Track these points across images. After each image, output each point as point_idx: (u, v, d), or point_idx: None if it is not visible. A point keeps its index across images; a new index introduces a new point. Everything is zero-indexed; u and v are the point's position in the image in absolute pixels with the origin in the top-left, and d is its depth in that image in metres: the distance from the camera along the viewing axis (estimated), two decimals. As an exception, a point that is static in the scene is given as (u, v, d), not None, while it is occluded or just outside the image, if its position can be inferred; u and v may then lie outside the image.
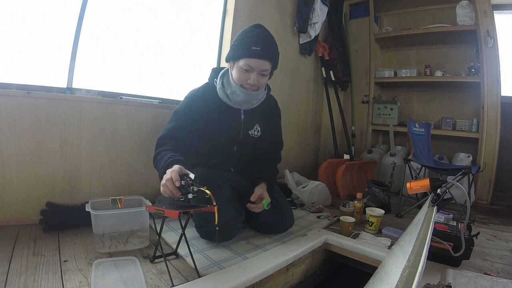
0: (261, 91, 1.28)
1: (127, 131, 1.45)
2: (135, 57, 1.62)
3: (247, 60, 1.15)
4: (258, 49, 1.14)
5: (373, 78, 2.91)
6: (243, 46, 1.16)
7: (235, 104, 1.27)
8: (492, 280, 0.96)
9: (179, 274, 0.93)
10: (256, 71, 1.18)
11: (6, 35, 1.20)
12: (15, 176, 1.17)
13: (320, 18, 2.43)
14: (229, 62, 1.25)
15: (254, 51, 1.14)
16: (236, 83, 1.21)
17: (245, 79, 1.19)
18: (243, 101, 1.25)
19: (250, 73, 1.18)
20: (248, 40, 1.16)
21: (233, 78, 1.22)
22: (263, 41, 1.16)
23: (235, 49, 1.19)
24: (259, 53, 1.14)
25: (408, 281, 0.45)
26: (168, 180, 0.92)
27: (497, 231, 1.66)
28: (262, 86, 1.25)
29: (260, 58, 1.15)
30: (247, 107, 1.29)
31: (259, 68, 1.17)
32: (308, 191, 1.85)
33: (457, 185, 1.05)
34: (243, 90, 1.21)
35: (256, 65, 1.16)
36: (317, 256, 1.31)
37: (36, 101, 1.19)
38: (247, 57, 1.15)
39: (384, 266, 0.95)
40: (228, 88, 1.25)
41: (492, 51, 2.27)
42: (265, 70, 1.19)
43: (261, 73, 1.19)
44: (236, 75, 1.20)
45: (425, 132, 2.14)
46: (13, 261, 0.90)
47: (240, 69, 1.18)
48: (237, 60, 1.18)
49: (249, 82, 1.19)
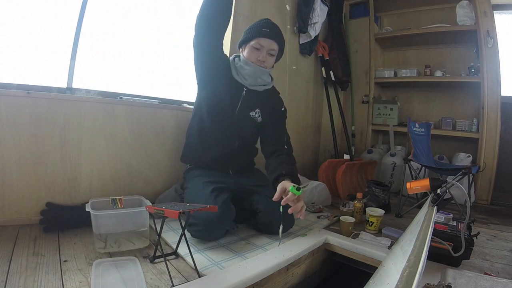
0: (267, 71, 1.37)
1: (127, 131, 1.45)
2: (135, 57, 1.62)
3: (258, 39, 1.30)
4: (268, 31, 1.30)
5: (373, 78, 2.90)
6: (254, 29, 1.32)
7: (241, 78, 1.35)
8: (492, 280, 0.96)
9: (179, 274, 0.93)
10: (266, 49, 1.31)
11: (6, 35, 1.20)
12: (15, 176, 1.17)
13: (320, 18, 2.43)
14: (241, 47, 1.38)
15: (264, 32, 1.30)
16: (247, 60, 1.32)
17: (255, 56, 1.31)
18: (249, 74, 1.33)
19: (260, 51, 1.31)
20: (259, 24, 1.33)
21: (245, 56, 1.34)
22: (272, 26, 1.33)
23: (247, 33, 1.34)
24: (269, 33, 1.30)
25: (408, 281, 0.45)
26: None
27: (497, 231, 1.66)
28: (269, 66, 1.36)
29: (269, 38, 1.30)
30: (250, 82, 1.35)
31: (268, 47, 1.31)
32: (308, 191, 1.85)
33: (457, 185, 1.05)
34: (251, 64, 1.32)
35: (266, 44, 1.30)
36: (317, 256, 1.31)
37: (36, 101, 1.19)
38: (259, 36, 1.30)
39: (384, 266, 0.95)
40: (238, 62, 1.36)
41: (492, 51, 2.27)
42: (273, 50, 1.33)
43: (269, 53, 1.32)
44: (248, 54, 1.32)
45: (425, 132, 2.14)
46: (13, 261, 0.90)
47: (252, 48, 1.31)
48: (248, 42, 1.32)
49: (259, 59, 1.31)
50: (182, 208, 0.91)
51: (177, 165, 1.53)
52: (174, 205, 0.98)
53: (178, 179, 1.58)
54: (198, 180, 1.31)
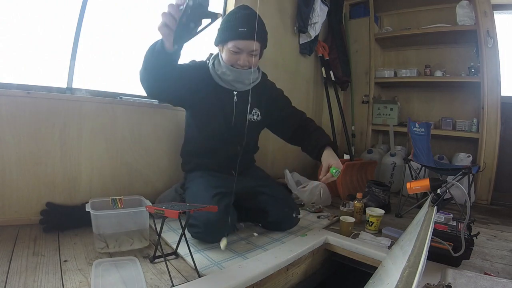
0: (254, 70, 1.26)
1: (127, 131, 1.45)
2: (135, 57, 1.62)
3: (235, 42, 1.16)
4: (245, 30, 1.14)
5: (373, 78, 2.90)
6: (230, 28, 1.17)
7: (227, 84, 1.26)
8: (492, 280, 0.96)
9: (179, 274, 0.93)
10: (246, 52, 1.19)
11: (6, 35, 1.20)
12: (15, 176, 1.17)
13: (320, 18, 2.43)
14: (218, 46, 1.26)
15: (241, 33, 1.15)
16: (226, 64, 1.22)
17: (235, 60, 1.20)
18: (234, 80, 1.24)
19: (240, 55, 1.19)
20: (234, 22, 1.16)
21: (223, 60, 1.23)
22: (249, 21, 1.15)
23: (223, 32, 1.20)
24: (246, 34, 1.14)
25: (408, 281, 0.45)
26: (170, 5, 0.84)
27: (497, 231, 1.66)
28: (255, 66, 1.25)
29: (247, 39, 1.15)
30: (240, 87, 1.28)
31: (248, 49, 1.18)
32: (308, 191, 1.86)
33: (457, 185, 1.04)
34: (232, 69, 1.22)
35: (245, 46, 1.17)
36: (317, 256, 1.31)
37: (36, 101, 1.19)
38: (235, 39, 1.16)
39: (384, 266, 0.95)
40: (219, 69, 1.25)
41: (492, 51, 2.27)
42: (255, 50, 1.20)
43: (250, 54, 1.20)
44: (226, 57, 1.21)
45: (425, 132, 2.14)
46: (13, 261, 0.90)
47: (229, 51, 1.19)
48: (225, 43, 1.19)
49: (239, 63, 1.20)
50: (182, 208, 0.91)
51: (177, 165, 1.53)
52: (174, 205, 0.98)
53: (178, 179, 1.58)
54: (200, 181, 1.28)
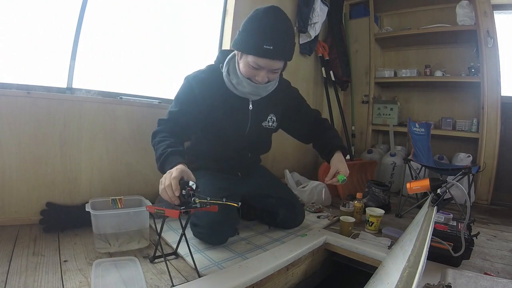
0: (272, 82, 1.15)
1: (127, 131, 1.45)
2: (135, 57, 1.62)
3: (256, 59, 1.02)
4: (271, 49, 0.98)
5: (373, 78, 2.90)
6: (253, 40, 1.00)
7: (242, 94, 1.16)
8: (492, 280, 0.96)
9: (179, 274, 0.93)
10: (266, 70, 1.06)
11: (6, 35, 1.20)
12: (15, 176, 1.17)
13: (320, 18, 2.43)
14: (236, 51, 1.11)
15: (265, 51, 0.99)
16: (243, 75, 1.10)
17: (253, 75, 1.08)
18: (250, 92, 1.14)
19: (259, 71, 1.06)
20: (259, 35, 0.99)
21: (240, 70, 1.10)
22: (275, 36, 0.99)
23: (245, 40, 1.03)
24: (271, 52, 0.99)
25: (408, 281, 0.45)
26: (168, 186, 0.86)
27: (497, 231, 1.66)
28: (273, 79, 1.13)
29: (271, 58, 1.02)
30: (255, 98, 1.19)
31: (269, 68, 1.06)
32: (308, 191, 1.86)
33: (457, 185, 1.04)
34: (250, 83, 1.10)
35: (266, 65, 1.04)
36: (317, 256, 1.31)
37: (36, 101, 1.19)
38: (257, 56, 1.01)
39: (384, 266, 0.96)
40: (234, 78, 1.13)
41: (492, 51, 2.27)
42: (277, 69, 1.08)
43: (271, 71, 1.08)
44: (244, 69, 1.08)
45: (425, 132, 2.14)
46: (13, 261, 0.91)
47: (248, 65, 1.05)
48: (245, 55, 1.05)
49: (257, 79, 1.08)
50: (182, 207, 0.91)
51: (177, 165, 1.52)
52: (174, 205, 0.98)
53: (178, 179, 1.57)
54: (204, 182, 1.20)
